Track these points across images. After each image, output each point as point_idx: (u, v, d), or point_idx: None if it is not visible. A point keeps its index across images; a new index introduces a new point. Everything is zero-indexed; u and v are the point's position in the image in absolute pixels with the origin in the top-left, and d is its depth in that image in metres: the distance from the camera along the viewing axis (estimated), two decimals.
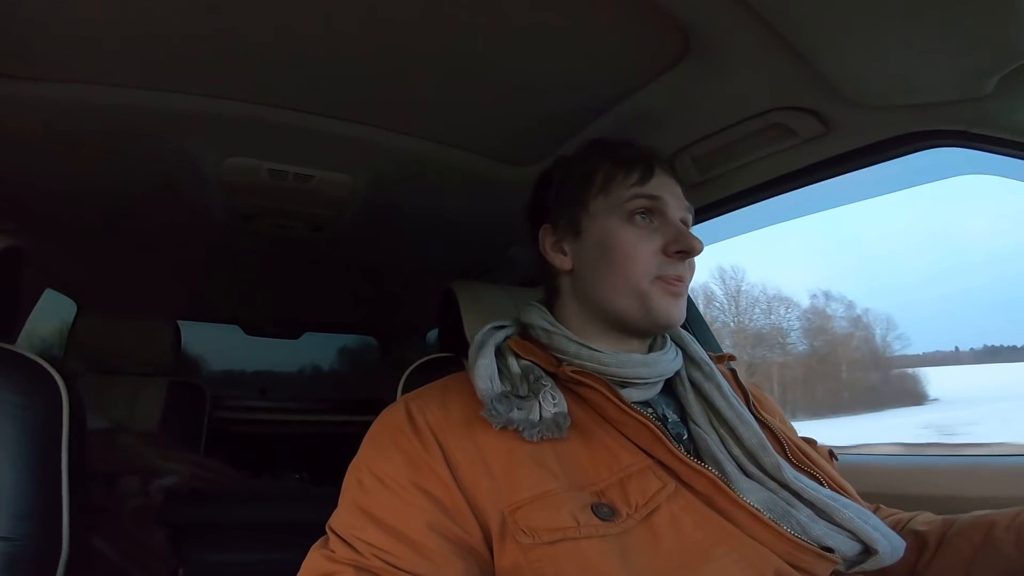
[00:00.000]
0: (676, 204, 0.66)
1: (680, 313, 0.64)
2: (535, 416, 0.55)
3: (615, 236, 0.64)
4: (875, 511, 0.72)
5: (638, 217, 0.64)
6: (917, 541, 0.64)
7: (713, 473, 0.54)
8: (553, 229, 0.69)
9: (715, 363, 0.69)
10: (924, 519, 0.67)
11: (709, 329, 1.27)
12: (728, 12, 0.60)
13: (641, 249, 0.63)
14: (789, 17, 0.59)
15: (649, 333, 0.65)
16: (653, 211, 0.65)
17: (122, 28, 0.67)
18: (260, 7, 0.64)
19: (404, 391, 0.77)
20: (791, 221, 1.11)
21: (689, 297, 1.29)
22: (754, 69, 0.70)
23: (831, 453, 0.71)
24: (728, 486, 0.53)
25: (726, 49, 0.67)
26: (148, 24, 0.67)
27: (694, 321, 1.27)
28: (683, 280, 0.64)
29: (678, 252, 0.63)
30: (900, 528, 0.67)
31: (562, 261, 0.68)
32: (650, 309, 0.62)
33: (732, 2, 0.58)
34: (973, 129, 0.70)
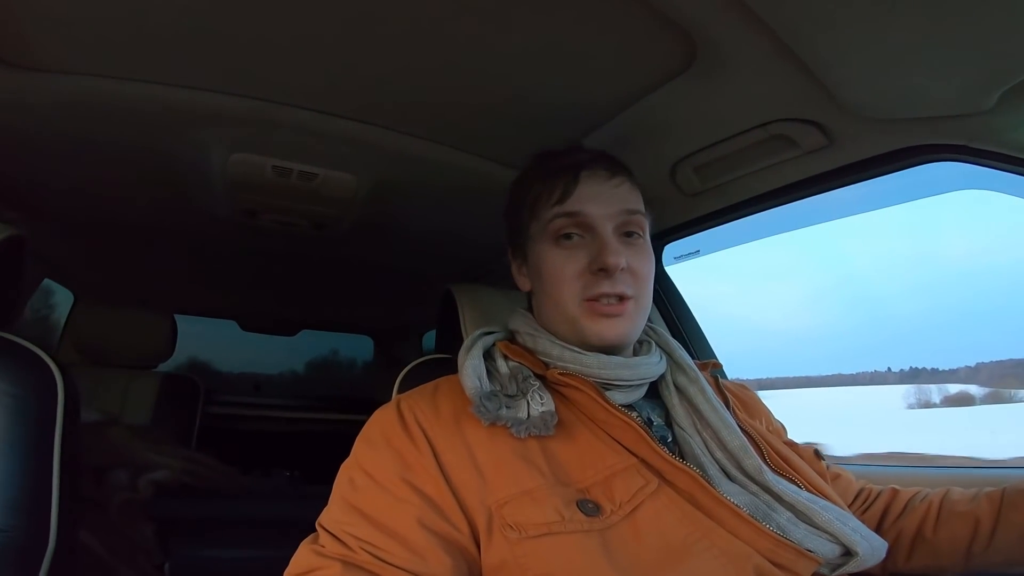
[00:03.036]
0: (603, 212, 0.63)
1: (618, 331, 0.62)
2: (523, 414, 0.56)
3: (544, 260, 0.64)
4: (893, 496, 0.74)
5: (563, 238, 0.63)
6: (965, 522, 0.66)
7: (695, 471, 0.55)
8: (513, 253, 0.71)
9: (700, 369, 0.70)
10: (957, 497, 0.69)
11: (704, 336, 1.26)
12: (734, 23, 0.60)
13: (566, 272, 0.62)
14: (794, 29, 0.59)
15: (602, 351, 0.63)
16: (579, 226, 0.63)
17: (128, 22, 0.68)
18: (269, 5, 0.64)
19: (400, 391, 0.77)
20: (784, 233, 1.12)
21: (685, 304, 1.29)
22: (758, 80, 0.70)
23: (816, 453, 0.72)
24: (710, 484, 0.54)
25: (731, 60, 0.67)
26: (155, 18, 0.67)
27: (689, 328, 1.27)
28: (620, 297, 0.61)
29: (599, 270, 0.61)
30: (930, 512, 0.69)
31: (523, 283, 0.70)
32: (582, 332, 0.62)
33: (738, 14, 0.58)
34: (973, 144, 0.70)
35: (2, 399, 0.68)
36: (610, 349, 0.63)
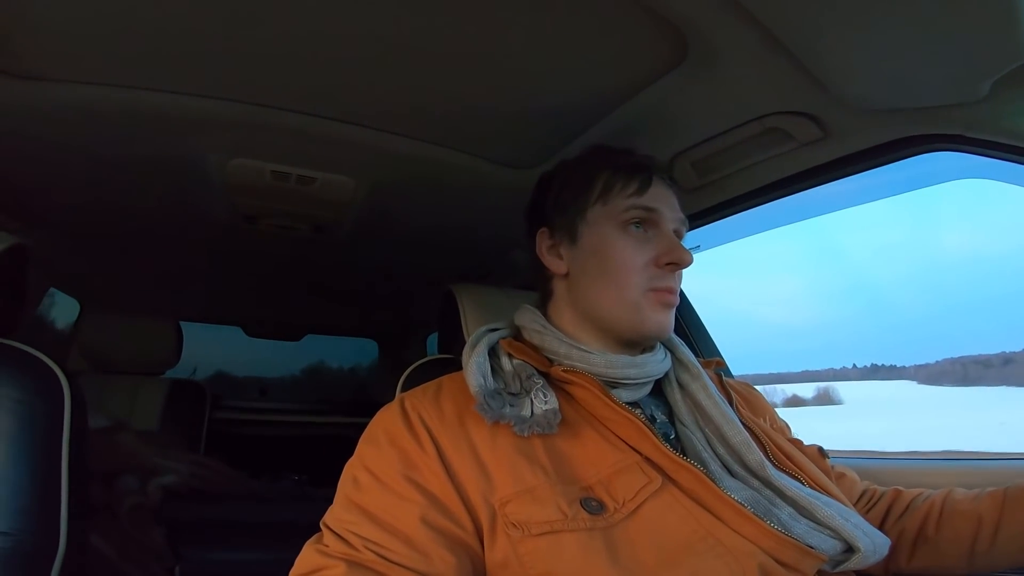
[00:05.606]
0: (671, 215, 0.67)
1: (670, 324, 0.65)
2: (527, 412, 0.56)
3: (611, 245, 0.65)
4: (896, 496, 0.74)
5: (633, 227, 0.65)
6: (967, 521, 0.66)
7: (698, 468, 0.55)
8: (550, 233, 0.71)
9: (704, 367, 0.70)
10: (960, 497, 0.69)
11: (708, 334, 1.26)
12: (725, 16, 0.60)
13: (635, 260, 0.64)
14: (786, 21, 0.59)
15: (638, 343, 0.66)
16: (648, 222, 0.66)
17: (125, 29, 0.68)
18: (265, 9, 0.65)
19: (402, 391, 0.77)
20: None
21: (688, 302, 1.29)
22: (751, 73, 0.70)
23: (820, 451, 0.72)
24: (713, 481, 0.54)
25: (723, 53, 0.67)
26: (151, 26, 0.67)
27: (692, 326, 1.27)
28: (674, 292, 0.65)
29: (669, 264, 0.64)
30: (932, 511, 0.69)
31: (558, 265, 0.69)
32: (642, 320, 0.63)
33: (729, 6, 0.58)
34: (969, 133, 0.70)
35: (9, 406, 0.69)
36: (644, 342, 0.66)
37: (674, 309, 0.65)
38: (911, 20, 0.55)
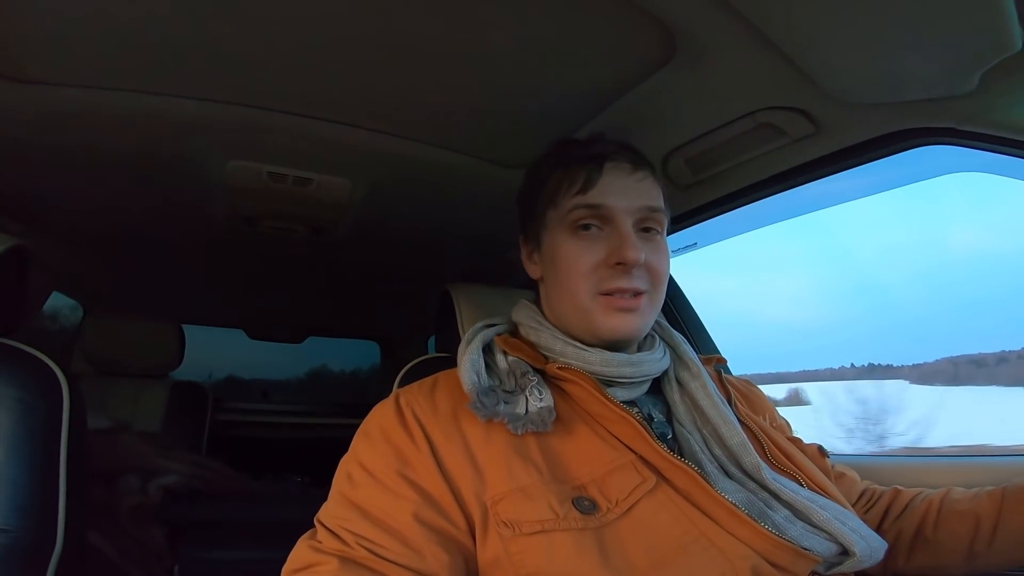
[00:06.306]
0: (626, 206, 0.62)
1: (631, 327, 0.61)
2: (521, 410, 0.56)
3: (560, 250, 0.63)
4: (895, 496, 0.73)
5: (581, 229, 0.62)
6: (965, 521, 0.65)
7: (693, 468, 0.54)
8: (525, 239, 0.71)
9: (704, 364, 0.69)
10: (959, 496, 0.68)
11: (705, 330, 1.26)
12: (713, 13, 0.60)
13: (582, 263, 0.61)
14: (773, 17, 0.59)
15: (606, 346, 0.62)
16: (598, 218, 0.62)
17: (125, 33, 0.69)
18: (261, 11, 0.65)
19: (399, 389, 0.77)
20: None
21: (686, 299, 1.29)
22: (741, 69, 0.70)
23: (820, 450, 0.71)
24: (707, 482, 0.54)
25: (712, 50, 0.67)
26: (148, 28, 0.68)
27: (689, 322, 1.27)
28: (637, 292, 0.61)
29: (617, 264, 0.60)
30: (931, 510, 0.68)
31: (534, 271, 0.69)
32: (596, 325, 0.61)
33: (716, 3, 0.58)
34: (961, 126, 0.70)
35: (9, 404, 0.70)
36: (616, 344, 0.62)
37: (639, 312, 0.61)
38: (898, 14, 0.55)
